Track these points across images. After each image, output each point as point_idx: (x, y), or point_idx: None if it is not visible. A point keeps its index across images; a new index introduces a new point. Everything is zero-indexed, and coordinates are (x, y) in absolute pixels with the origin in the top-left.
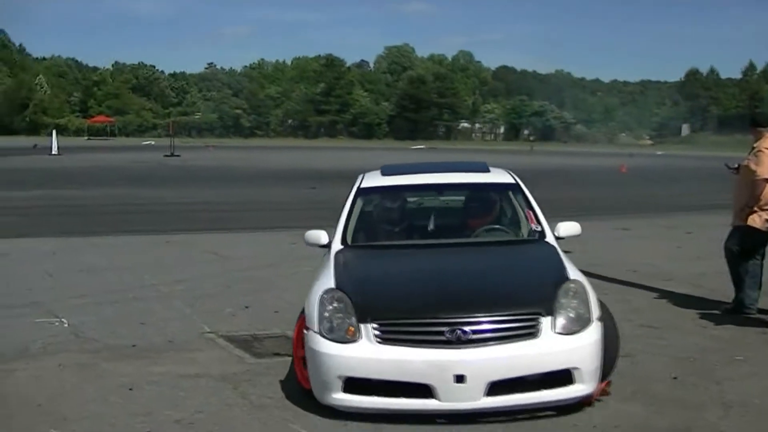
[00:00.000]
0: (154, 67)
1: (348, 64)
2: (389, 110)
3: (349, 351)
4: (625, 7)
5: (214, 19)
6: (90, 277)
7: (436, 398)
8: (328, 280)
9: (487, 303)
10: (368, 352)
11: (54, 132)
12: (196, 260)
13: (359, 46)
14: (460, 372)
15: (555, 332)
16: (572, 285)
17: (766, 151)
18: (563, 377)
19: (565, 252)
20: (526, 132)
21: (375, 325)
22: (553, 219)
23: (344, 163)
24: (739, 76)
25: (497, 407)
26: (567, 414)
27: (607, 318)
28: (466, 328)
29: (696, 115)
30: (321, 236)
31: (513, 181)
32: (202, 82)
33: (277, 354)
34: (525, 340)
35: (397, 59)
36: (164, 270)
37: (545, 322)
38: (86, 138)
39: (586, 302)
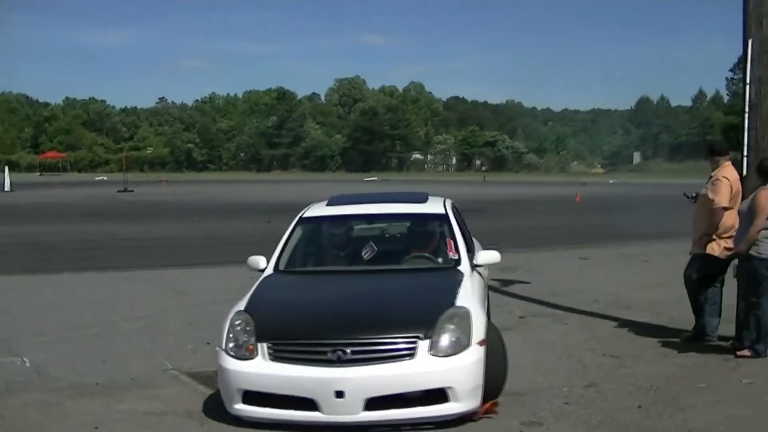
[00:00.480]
0: (105, 101)
1: (299, 97)
2: (342, 142)
3: (247, 367)
4: (574, 36)
5: (165, 53)
6: (50, 314)
7: (320, 411)
8: (241, 304)
9: (370, 326)
10: (262, 368)
11: (6, 168)
12: (155, 296)
13: (311, 79)
14: (339, 388)
15: (431, 354)
16: (454, 311)
17: (723, 180)
18: (438, 395)
19: (523, 283)
20: (478, 162)
21: (269, 344)
22: (510, 248)
23: (298, 196)
24: (689, 103)
25: (375, 421)
26: None
27: (495, 342)
28: (347, 349)
29: (647, 142)
30: (260, 261)
31: (442, 212)
32: (154, 116)
33: None
34: (402, 360)
35: (349, 91)
36: (124, 306)
37: (422, 344)
38: (39, 174)
39: (466, 327)
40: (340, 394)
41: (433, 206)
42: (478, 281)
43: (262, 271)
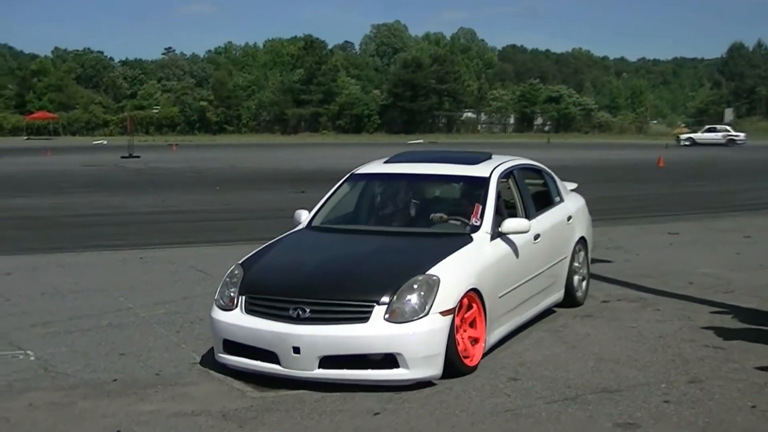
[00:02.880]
0: (102, 53)
1: (330, 47)
2: (381, 99)
3: (227, 317)
4: None
5: None
6: (55, 302)
7: (280, 364)
8: (245, 257)
9: (331, 288)
10: (238, 320)
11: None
12: (178, 279)
13: (343, 25)
14: (296, 344)
15: (386, 319)
16: (422, 279)
17: None
18: (389, 360)
19: (604, 261)
20: (539, 121)
21: (246, 297)
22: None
23: (333, 163)
24: None
25: (328, 379)
26: None
27: None
28: (307, 308)
29: (741, 97)
30: (302, 215)
31: (484, 175)
32: (161, 70)
33: (284, 386)
34: (354, 323)
35: (388, 40)
36: (142, 291)
37: (378, 309)
38: (25, 137)
39: (426, 295)
40: (296, 350)
41: (481, 169)
42: (496, 250)
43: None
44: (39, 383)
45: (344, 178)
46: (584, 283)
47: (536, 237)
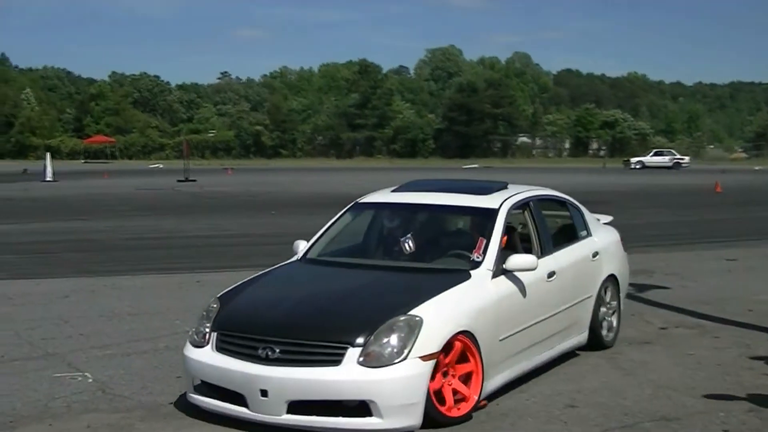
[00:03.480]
0: (159, 77)
1: (385, 71)
2: (435, 124)
3: (198, 355)
4: None
5: (228, 21)
6: (112, 324)
7: (248, 407)
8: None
9: (304, 327)
10: (208, 358)
11: (48, 155)
12: None
13: (397, 49)
14: (263, 386)
15: (360, 363)
16: (402, 320)
17: None
18: (362, 408)
19: (662, 288)
20: (595, 146)
21: (217, 334)
22: (642, 247)
23: (386, 187)
24: None
25: (297, 425)
26: None
27: None
28: (276, 348)
29: None
30: (300, 246)
31: (493, 207)
32: (216, 94)
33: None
34: (325, 366)
35: (442, 64)
36: (198, 314)
37: (352, 352)
38: (83, 161)
39: (406, 338)
40: (264, 393)
41: (490, 200)
42: (498, 289)
43: None
44: (97, 405)
45: (347, 207)
46: (615, 324)
47: (550, 274)
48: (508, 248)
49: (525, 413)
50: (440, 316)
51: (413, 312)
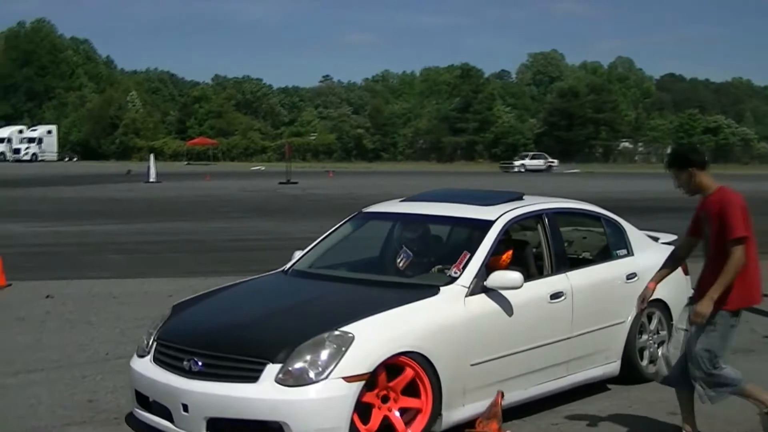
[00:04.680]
0: (261, 80)
1: (486, 75)
2: (536, 128)
3: (138, 365)
4: None
5: (330, 26)
6: None
7: (173, 423)
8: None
9: (229, 341)
10: (144, 369)
11: (152, 156)
12: None
13: (499, 54)
14: (184, 401)
15: (278, 381)
16: (330, 337)
17: None
18: (275, 429)
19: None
20: None
21: (156, 344)
22: None
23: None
24: None
25: None
26: None
27: None
28: (199, 361)
29: None
30: (295, 257)
31: (487, 219)
32: (318, 97)
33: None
34: (242, 382)
35: (544, 68)
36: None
37: (270, 369)
38: (185, 162)
39: (331, 357)
40: (185, 408)
41: (489, 211)
42: (472, 307)
43: None
44: None
45: (350, 216)
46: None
47: (556, 295)
48: (516, 264)
49: (626, 421)
50: (379, 334)
51: (346, 328)
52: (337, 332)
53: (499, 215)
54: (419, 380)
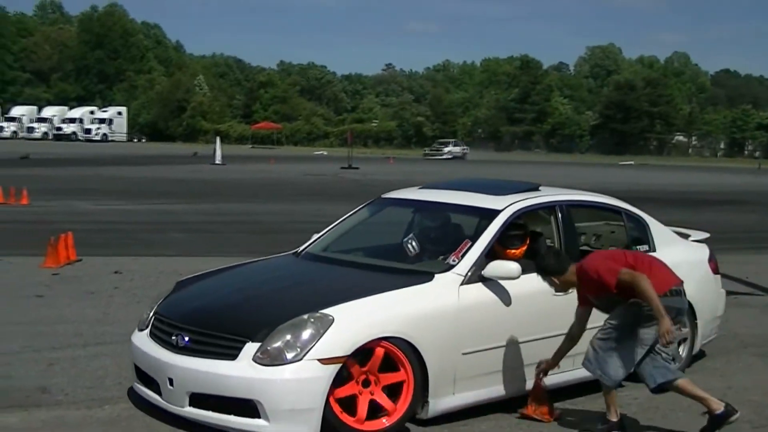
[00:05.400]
0: (325, 67)
1: (545, 67)
2: (593, 120)
3: (135, 338)
4: None
5: (393, 15)
6: None
7: (160, 396)
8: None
9: (214, 318)
10: (140, 342)
11: (218, 139)
12: None
13: (558, 46)
14: (170, 375)
15: (255, 360)
16: (309, 318)
17: None
18: (250, 407)
19: None
20: (750, 147)
21: (153, 319)
22: None
23: (541, 181)
24: None
25: (196, 419)
26: None
27: None
28: (186, 337)
29: None
30: (312, 238)
31: (494, 208)
32: (380, 85)
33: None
34: (223, 360)
35: (601, 62)
36: None
37: (249, 347)
38: (250, 146)
39: (308, 338)
40: (171, 382)
41: (498, 201)
42: (467, 295)
43: None
44: None
45: (368, 201)
46: (682, 354)
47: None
48: (529, 257)
49: (676, 407)
50: (360, 317)
51: (326, 311)
52: (317, 314)
53: (507, 205)
54: (401, 366)
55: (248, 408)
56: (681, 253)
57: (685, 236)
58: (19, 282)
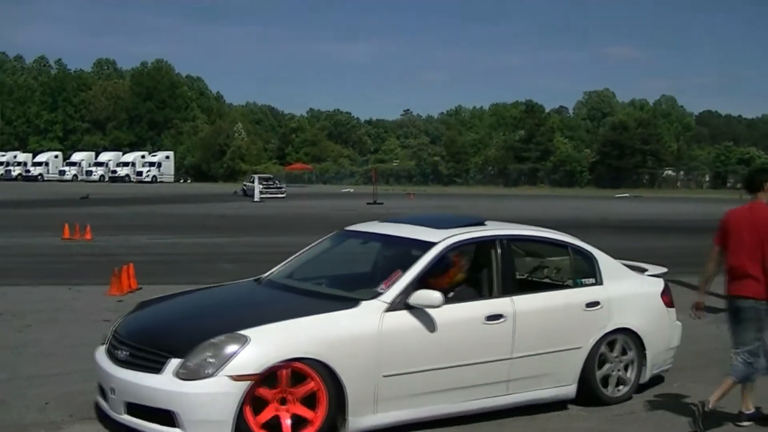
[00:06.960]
0: (350, 113)
1: (547, 111)
2: (591, 157)
3: (96, 352)
4: None
5: (410, 65)
6: None
7: (107, 403)
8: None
9: (149, 335)
10: (98, 356)
11: (256, 178)
12: None
13: (558, 92)
14: (112, 385)
15: (174, 374)
16: (226, 338)
17: None
18: (170, 417)
19: None
20: (732, 180)
21: (111, 335)
22: None
23: (545, 213)
24: None
25: (132, 426)
26: None
27: None
28: (126, 351)
29: None
30: (277, 267)
31: (429, 241)
32: (399, 128)
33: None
34: (151, 373)
35: (597, 105)
36: None
37: (173, 362)
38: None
39: (223, 357)
40: (112, 391)
41: (435, 234)
42: (391, 322)
43: None
44: None
45: (331, 233)
46: (631, 378)
47: (494, 317)
48: (469, 286)
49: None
50: (275, 339)
51: (243, 331)
52: (234, 334)
53: (443, 238)
54: (319, 393)
55: (168, 418)
56: (630, 286)
57: (642, 270)
58: (88, 308)
